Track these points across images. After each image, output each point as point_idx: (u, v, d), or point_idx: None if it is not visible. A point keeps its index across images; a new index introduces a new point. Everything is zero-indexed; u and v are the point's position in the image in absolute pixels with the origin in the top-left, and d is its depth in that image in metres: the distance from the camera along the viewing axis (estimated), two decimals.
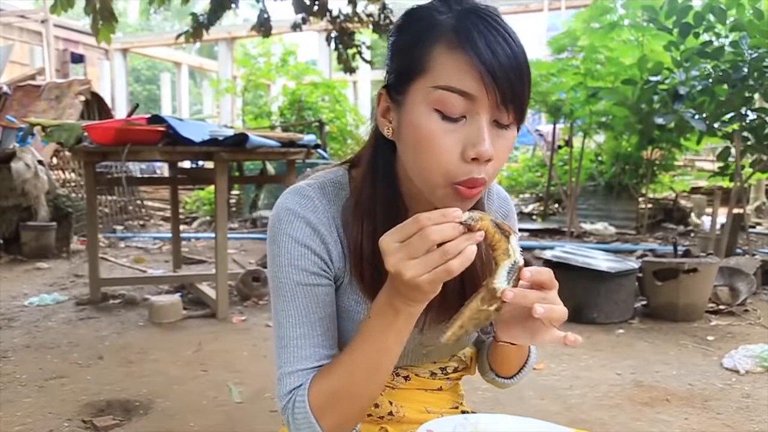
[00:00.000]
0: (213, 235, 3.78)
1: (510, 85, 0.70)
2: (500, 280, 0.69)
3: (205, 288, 4.02)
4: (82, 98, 7.68)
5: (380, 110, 0.79)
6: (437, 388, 0.98)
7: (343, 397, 0.78)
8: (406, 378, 0.95)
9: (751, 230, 6.32)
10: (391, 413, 0.93)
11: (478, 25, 0.70)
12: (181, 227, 6.04)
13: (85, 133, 3.45)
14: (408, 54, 0.74)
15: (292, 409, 0.79)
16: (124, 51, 16.56)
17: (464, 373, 1.02)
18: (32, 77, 8.99)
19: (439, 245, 0.65)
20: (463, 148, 0.71)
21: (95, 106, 8.06)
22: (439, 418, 0.84)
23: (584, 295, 3.56)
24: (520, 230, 8.02)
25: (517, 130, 0.76)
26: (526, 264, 0.72)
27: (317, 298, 0.82)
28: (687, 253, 4.07)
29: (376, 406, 0.92)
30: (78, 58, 14.25)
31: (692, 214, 8.61)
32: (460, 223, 0.66)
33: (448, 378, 0.99)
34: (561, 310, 0.73)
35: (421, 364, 0.96)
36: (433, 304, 0.76)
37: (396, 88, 0.76)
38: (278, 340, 0.82)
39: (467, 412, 1.00)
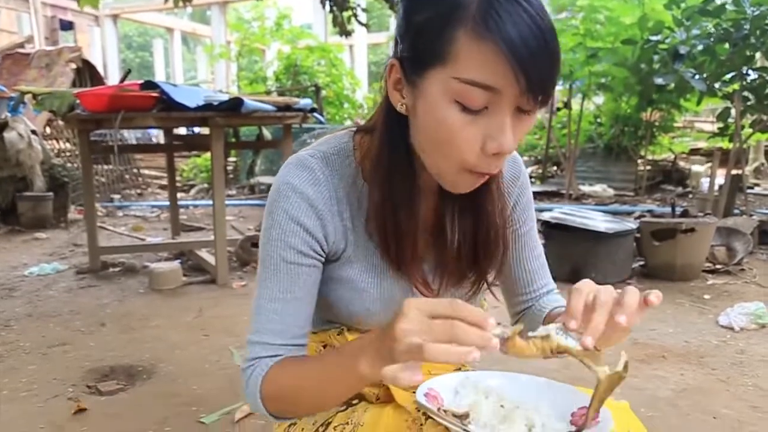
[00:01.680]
0: (211, 202, 3.77)
1: (539, 75, 0.64)
2: (599, 367, 0.67)
3: (205, 254, 4.03)
4: (73, 66, 7.57)
5: (391, 82, 0.74)
6: None
7: (289, 402, 0.80)
8: None
9: (749, 191, 6.32)
10: None
11: (505, 4, 0.63)
12: (179, 195, 6.03)
13: (78, 101, 3.40)
14: (426, 36, 0.67)
15: (248, 378, 0.82)
16: (115, 17, 16.23)
17: None
18: (21, 45, 8.85)
19: None
20: (483, 142, 0.68)
21: (87, 74, 7.95)
22: (439, 377, 0.84)
23: (582, 256, 3.58)
24: None
25: (542, 108, 0.71)
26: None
27: (299, 278, 0.82)
28: (685, 214, 4.07)
29: None
30: (67, 25, 13.98)
31: (692, 168, 8.59)
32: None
33: None
34: (633, 297, 0.68)
35: None
36: (447, 265, 0.83)
37: (412, 67, 0.70)
38: (255, 305, 0.84)
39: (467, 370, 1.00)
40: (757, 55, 4.87)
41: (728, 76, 4.91)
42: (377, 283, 0.86)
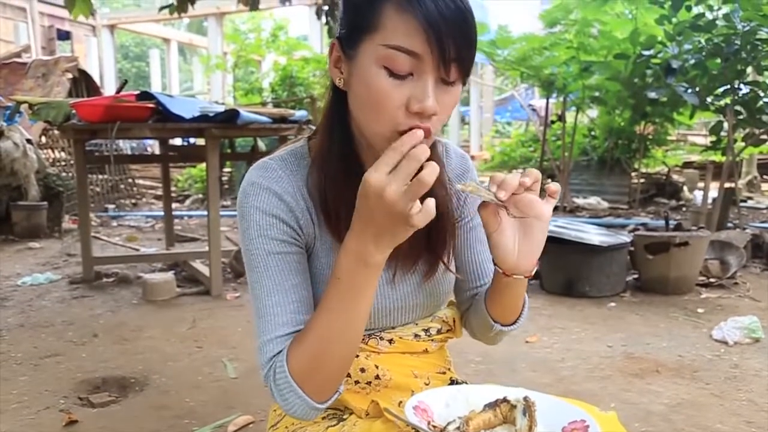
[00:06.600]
0: (206, 212, 3.77)
1: (455, 45, 0.73)
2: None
3: (199, 265, 4.02)
4: (70, 75, 7.57)
5: (332, 60, 0.83)
6: (422, 350, 0.98)
7: (321, 358, 0.79)
8: (390, 341, 0.95)
9: (742, 204, 6.36)
10: (377, 377, 0.93)
11: None
12: (174, 205, 6.01)
13: (73, 111, 3.40)
14: (360, 10, 0.77)
15: (273, 377, 0.81)
16: (112, 27, 16.27)
17: (449, 335, 1.02)
18: (18, 55, 8.84)
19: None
20: (408, 102, 0.75)
21: (83, 83, 7.95)
22: (430, 390, 0.84)
23: (576, 269, 3.59)
24: None
25: (463, 85, 0.80)
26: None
27: (289, 266, 0.85)
28: (678, 227, 4.09)
29: (362, 370, 0.92)
30: (64, 35, 14.01)
31: (684, 188, 8.65)
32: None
33: (432, 340, 0.99)
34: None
35: (401, 325, 0.97)
36: (401, 250, 0.82)
37: (348, 42, 0.79)
38: (256, 313, 0.84)
39: (456, 380, 1.00)
40: (749, 69, 4.92)
41: (720, 90, 4.95)
42: None
